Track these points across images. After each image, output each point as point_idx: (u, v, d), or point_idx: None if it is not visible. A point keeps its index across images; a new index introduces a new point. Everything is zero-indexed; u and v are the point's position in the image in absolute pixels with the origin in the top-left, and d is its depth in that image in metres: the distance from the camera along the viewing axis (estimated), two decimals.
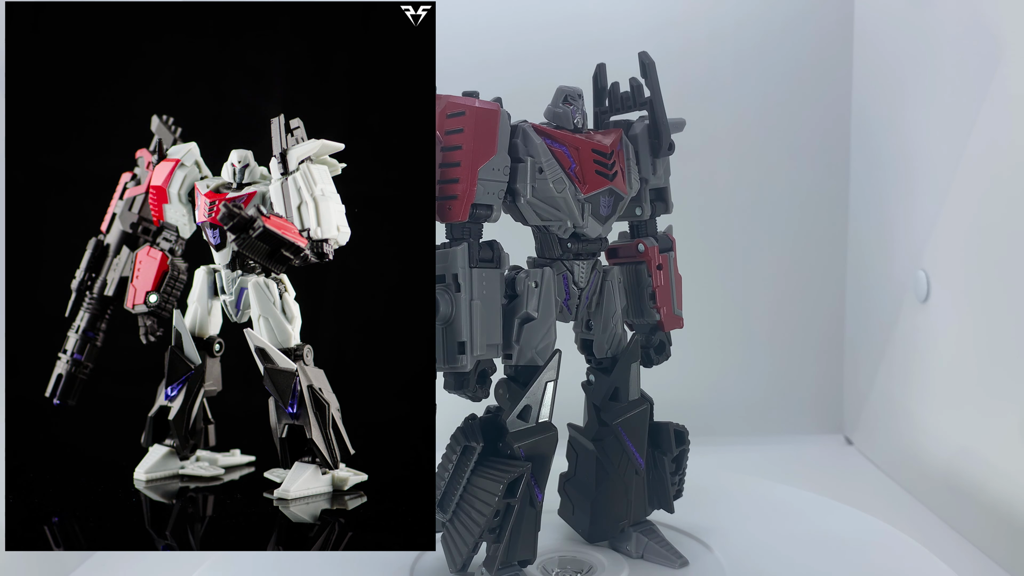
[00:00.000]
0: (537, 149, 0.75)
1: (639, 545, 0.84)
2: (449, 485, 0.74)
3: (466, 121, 0.71)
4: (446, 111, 0.72)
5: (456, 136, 0.71)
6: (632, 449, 0.82)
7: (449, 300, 0.71)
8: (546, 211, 0.76)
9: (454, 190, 0.71)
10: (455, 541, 0.75)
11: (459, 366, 0.71)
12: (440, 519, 0.76)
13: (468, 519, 0.73)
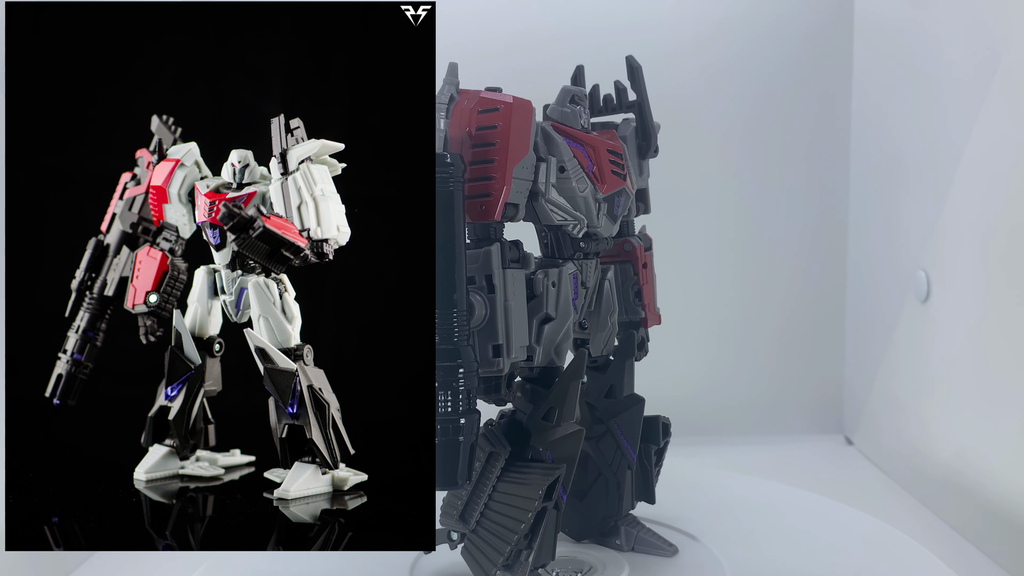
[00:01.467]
0: (559, 148, 0.74)
1: (628, 538, 0.84)
2: (472, 494, 0.72)
3: (501, 117, 0.69)
4: (478, 107, 0.70)
5: (489, 132, 0.69)
6: (627, 445, 0.83)
7: (483, 302, 0.69)
8: (565, 210, 0.75)
9: (488, 188, 0.69)
10: (484, 551, 0.72)
11: (495, 369, 0.69)
12: (459, 530, 0.73)
13: (500, 527, 0.71)
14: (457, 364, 0.65)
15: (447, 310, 0.66)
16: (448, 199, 0.65)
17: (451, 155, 0.66)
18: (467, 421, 0.66)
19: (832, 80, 1.32)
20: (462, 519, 0.73)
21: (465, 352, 0.66)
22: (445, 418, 0.65)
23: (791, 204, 1.35)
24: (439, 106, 0.70)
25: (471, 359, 0.66)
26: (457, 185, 0.65)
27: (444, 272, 0.66)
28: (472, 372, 0.66)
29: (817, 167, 1.34)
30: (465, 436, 0.66)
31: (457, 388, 0.65)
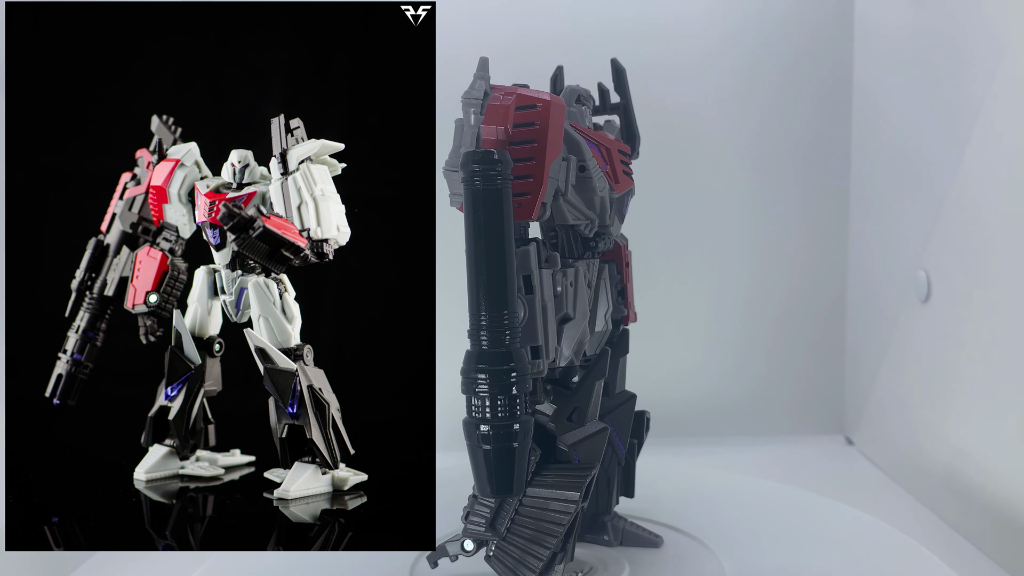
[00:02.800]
0: (580, 147, 0.73)
1: (616, 533, 0.84)
2: (501, 501, 0.71)
3: (540, 115, 0.68)
4: (516, 104, 0.68)
5: (527, 130, 0.67)
6: (618, 442, 0.83)
7: (522, 303, 0.67)
8: (580, 210, 0.74)
9: (526, 187, 0.67)
10: (520, 558, 0.70)
11: (536, 371, 0.67)
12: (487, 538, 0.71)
13: (536, 532, 0.70)
14: (509, 368, 0.63)
15: (497, 312, 0.63)
16: (496, 197, 0.63)
17: (498, 152, 0.64)
18: (522, 426, 0.63)
19: (832, 80, 1.32)
20: (492, 527, 0.71)
21: (518, 355, 0.63)
22: (498, 423, 0.63)
23: (791, 204, 1.35)
24: (473, 101, 0.67)
25: (524, 362, 0.64)
26: (505, 183, 0.63)
27: (492, 273, 0.64)
28: (525, 375, 0.64)
29: (817, 167, 1.34)
30: (520, 442, 0.63)
31: (511, 392, 0.62)
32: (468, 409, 0.64)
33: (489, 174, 0.63)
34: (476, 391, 0.63)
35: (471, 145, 0.67)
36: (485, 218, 0.63)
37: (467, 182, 0.63)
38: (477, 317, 0.64)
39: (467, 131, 0.67)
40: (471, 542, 0.72)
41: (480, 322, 0.64)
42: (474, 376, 0.63)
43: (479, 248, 0.64)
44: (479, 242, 0.64)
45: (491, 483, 0.64)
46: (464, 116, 0.67)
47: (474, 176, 0.63)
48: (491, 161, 0.63)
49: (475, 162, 0.63)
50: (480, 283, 0.64)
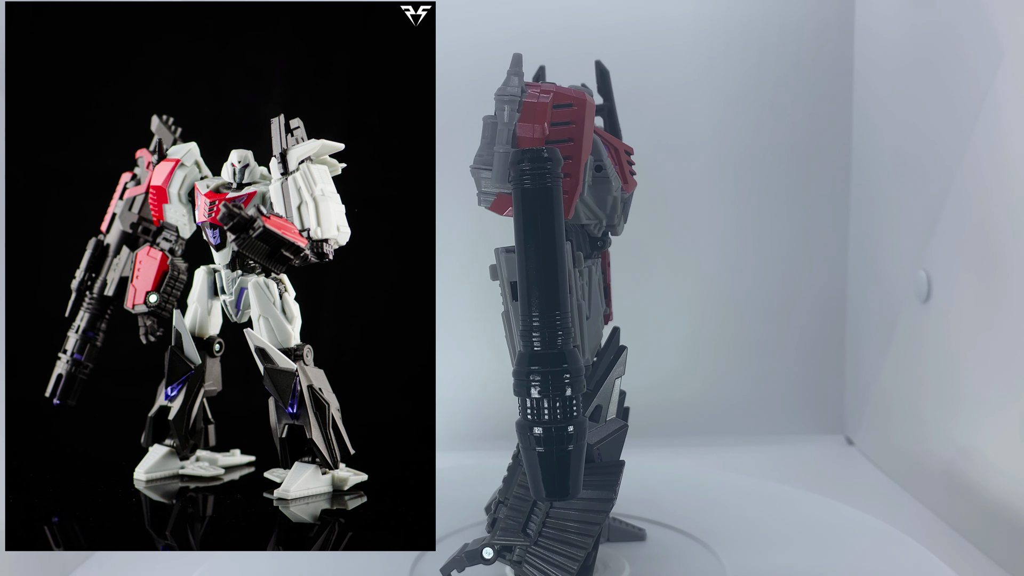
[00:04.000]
0: (598, 146, 0.72)
1: (604, 529, 0.84)
2: (535, 504, 0.69)
3: (576, 114, 0.67)
4: (554, 102, 0.67)
5: (564, 129, 0.67)
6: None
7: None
8: (593, 209, 0.74)
9: (564, 186, 0.66)
10: (556, 562, 0.69)
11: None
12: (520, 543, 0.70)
13: (571, 534, 0.69)
14: (563, 369, 0.62)
15: (549, 313, 0.62)
16: (546, 195, 0.62)
17: (547, 149, 0.63)
18: (577, 428, 0.62)
19: (833, 80, 1.32)
20: (525, 532, 0.69)
21: (572, 356, 0.62)
22: (552, 426, 0.62)
23: (791, 204, 1.35)
24: (509, 98, 0.66)
25: (579, 362, 0.63)
26: (556, 181, 0.63)
27: (543, 273, 0.62)
28: (580, 377, 0.63)
29: (817, 167, 1.34)
30: (576, 444, 0.62)
31: (564, 394, 0.61)
32: (521, 411, 0.63)
33: (539, 172, 0.62)
34: (529, 393, 0.62)
35: (507, 143, 0.65)
36: (535, 217, 0.63)
37: (516, 181, 0.63)
38: (529, 318, 0.63)
39: (502, 129, 0.66)
40: (490, 550, 0.70)
41: (532, 323, 0.63)
42: (527, 378, 0.62)
43: (529, 248, 0.63)
44: (529, 242, 0.63)
45: (546, 486, 0.62)
46: (498, 113, 0.66)
47: (523, 175, 0.62)
48: (541, 159, 0.62)
49: (524, 160, 0.62)
50: (531, 284, 0.63)
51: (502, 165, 0.65)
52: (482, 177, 0.67)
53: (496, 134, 0.66)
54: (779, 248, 1.36)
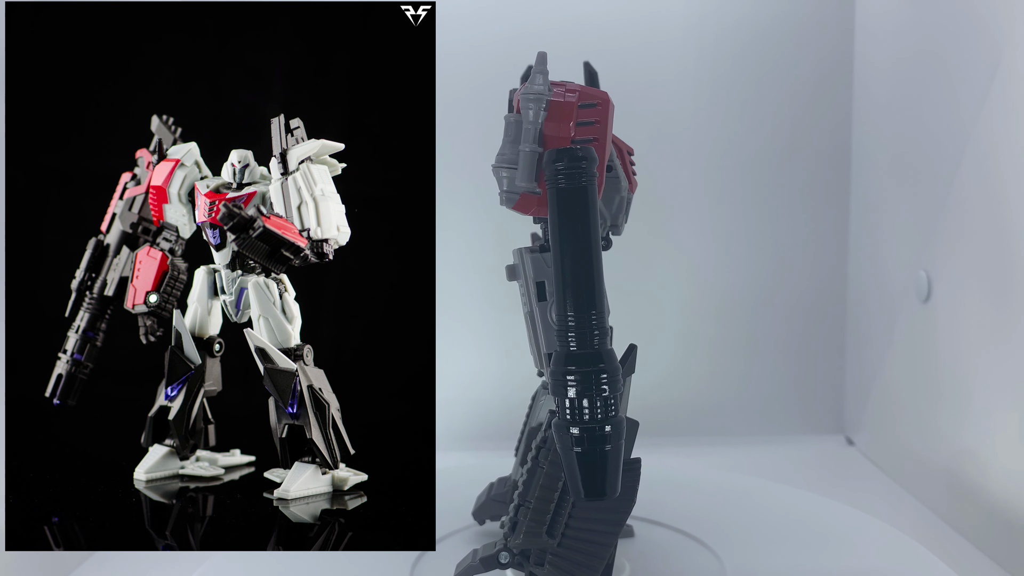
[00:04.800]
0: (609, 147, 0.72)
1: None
2: (559, 506, 0.68)
3: (600, 113, 0.67)
4: (580, 101, 0.66)
5: (588, 128, 0.66)
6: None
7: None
8: (601, 209, 0.73)
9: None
10: (581, 562, 0.68)
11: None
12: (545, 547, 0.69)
13: (595, 532, 0.68)
14: (599, 369, 0.62)
15: (584, 313, 0.62)
16: (581, 195, 0.62)
17: (582, 148, 0.63)
18: (614, 428, 0.62)
19: (833, 80, 1.32)
20: (549, 534, 0.68)
21: (608, 355, 0.62)
22: (589, 426, 0.61)
23: (791, 204, 1.35)
24: (536, 97, 0.65)
25: (615, 362, 0.63)
26: (591, 180, 0.63)
27: (579, 273, 0.62)
28: (616, 376, 0.62)
29: (817, 167, 1.34)
30: (613, 445, 0.62)
31: (601, 394, 0.61)
32: (559, 411, 0.63)
33: (573, 172, 0.62)
34: (566, 393, 0.62)
35: (535, 142, 0.65)
36: (571, 217, 0.62)
37: (551, 181, 0.63)
38: (565, 318, 0.62)
39: (529, 128, 0.65)
40: (506, 554, 0.70)
41: (568, 323, 0.62)
42: (563, 378, 0.62)
43: (564, 248, 0.62)
44: (564, 242, 0.62)
45: (584, 486, 0.62)
46: (523, 112, 0.65)
47: (558, 174, 0.62)
48: (576, 158, 0.62)
49: (558, 160, 0.62)
50: (566, 284, 0.62)
51: (529, 164, 0.64)
52: (504, 176, 0.66)
53: (522, 133, 0.65)
54: (779, 248, 1.36)
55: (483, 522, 0.88)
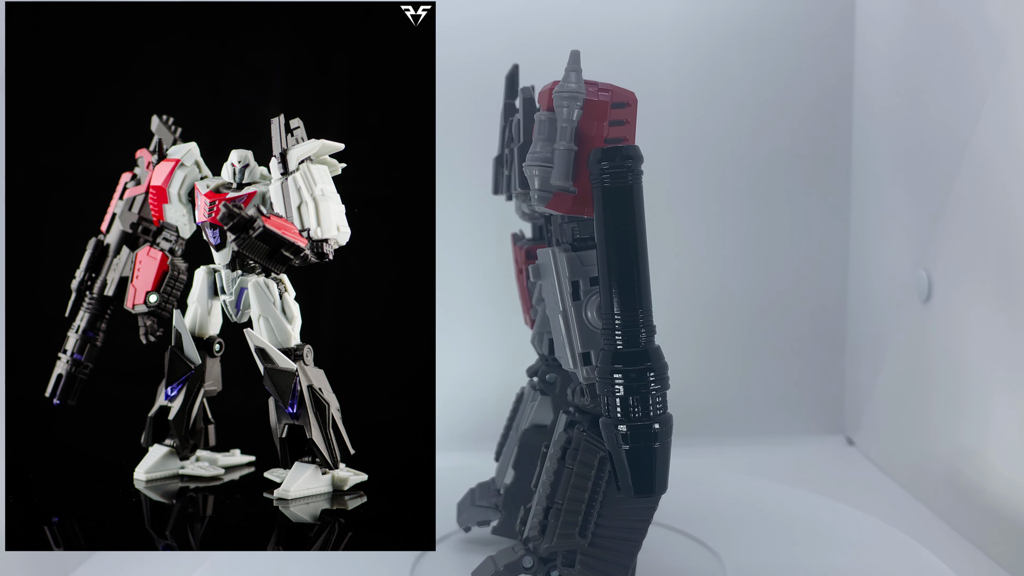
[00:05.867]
0: None
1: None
2: (589, 505, 0.68)
3: (630, 113, 0.67)
4: (613, 100, 0.66)
5: (618, 128, 0.66)
6: None
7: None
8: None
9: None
10: (613, 560, 0.69)
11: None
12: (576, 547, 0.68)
13: (625, 529, 0.68)
14: (646, 367, 0.62)
15: (631, 311, 0.63)
16: (627, 194, 0.63)
17: (628, 147, 0.63)
18: (663, 425, 0.63)
19: (833, 80, 1.32)
20: (581, 534, 0.68)
21: (656, 353, 0.63)
22: (636, 423, 0.62)
23: (791, 204, 1.35)
24: (573, 95, 0.65)
25: (662, 360, 0.63)
26: (636, 179, 0.63)
27: (624, 272, 0.63)
28: (664, 374, 0.63)
29: (817, 167, 1.34)
30: (662, 441, 0.63)
31: (648, 392, 0.62)
32: (606, 409, 0.63)
33: (619, 171, 0.62)
34: (614, 391, 0.62)
35: (571, 140, 0.65)
36: (617, 216, 0.63)
37: (596, 180, 0.63)
38: (611, 317, 0.63)
39: (565, 126, 0.65)
40: (530, 558, 0.69)
41: (615, 321, 0.63)
42: (611, 376, 0.62)
43: (610, 247, 0.63)
44: (610, 241, 0.63)
45: (634, 484, 0.63)
46: (557, 110, 0.65)
47: (604, 174, 0.62)
48: (622, 157, 0.62)
49: (604, 159, 0.62)
50: (613, 282, 0.63)
51: (565, 162, 0.64)
52: (536, 175, 0.66)
53: (557, 131, 0.65)
54: (779, 248, 1.36)
55: (468, 529, 0.88)
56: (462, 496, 0.90)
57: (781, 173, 1.34)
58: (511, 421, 0.90)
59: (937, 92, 1.07)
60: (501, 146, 0.84)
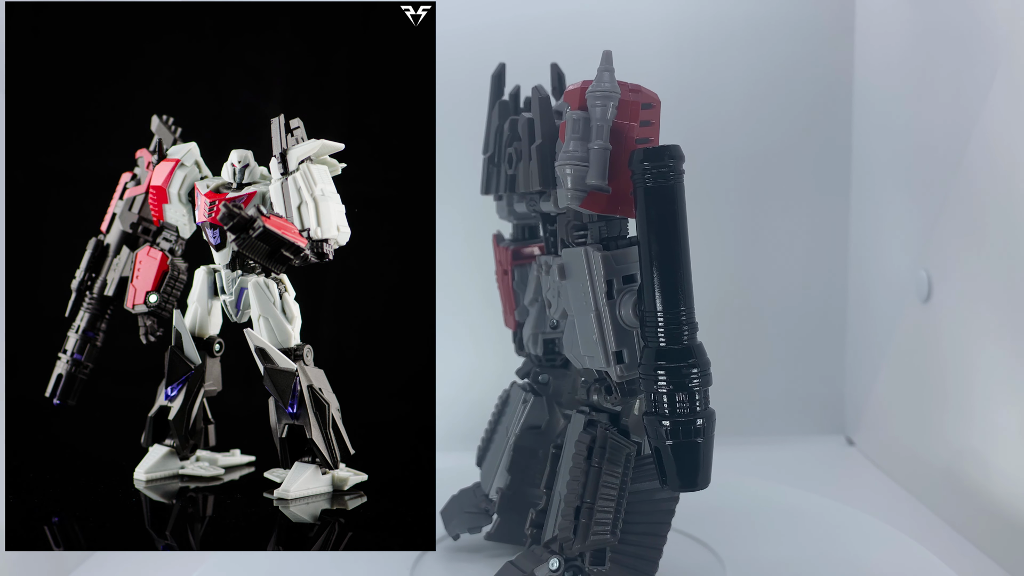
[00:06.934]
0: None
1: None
2: (619, 503, 0.69)
3: (655, 114, 0.67)
4: (641, 101, 0.67)
5: (646, 129, 0.67)
6: None
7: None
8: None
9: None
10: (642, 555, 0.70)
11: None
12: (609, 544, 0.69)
13: (652, 524, 0.70)
14: (689, 364, 0.63)
15: (673, 309, 0.63)
16: (669, 194, 0.63)
17: (671, 147, 0.63)
18: (706, 420, 0.63)
19: (833, 80, 1.32)
20: (612, 532, 0.69)
21: (698, 350, 0.64)
22: (680, 419, 0.63)
23: (791, 203, 1.35)
24: (608, 95, 0.65)
25: (705, 356, 0.64)
26: (678, 178, 0.63)
27: (666, 270, 0.63)
28: (707, 371, 0.64)
29: (817, 167, 1.34)
30: (705, 437, 0.63)
31: (691, 388, 0.63)
32: (651, 405, 0.63)
33: (661, 171, 0.63)
34: (656, 388, 0.63)
35: (606, 139, 0.65)
36: (659, 216, 0.63)
37: (639, 180, 0.63)
38: (654, 315, 0.64)
39: (601, 125, 0.65)
40: (556, 560, 0.69)
41: (657, 320, 0.63)
42: (654, 372, 0.63)
43: (653, 246, 0.63)
44: (653, 240, 0.63)
45: (681, 477, 0.63)
46: (591, 109, 0.65)
47: (645, 174, 0.63)
48: (663, 157, 0.63)
49: (646, 159, 0.63)
50: (655, 281, 0.63)
51: (601, 161, 0.65)
52: (569, 174, 0.66)
53: (592, 130, 0.65)
54: (779, 248, 1.36)
55: (457, 537, 0.86)
56: (445, 504, 0.90)
57: (781, 173, 1.34)
58: (494, 425, 0.89)
59: (937, 92, 1.07)
60: (492, 145, 0.84)
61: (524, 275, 0.87)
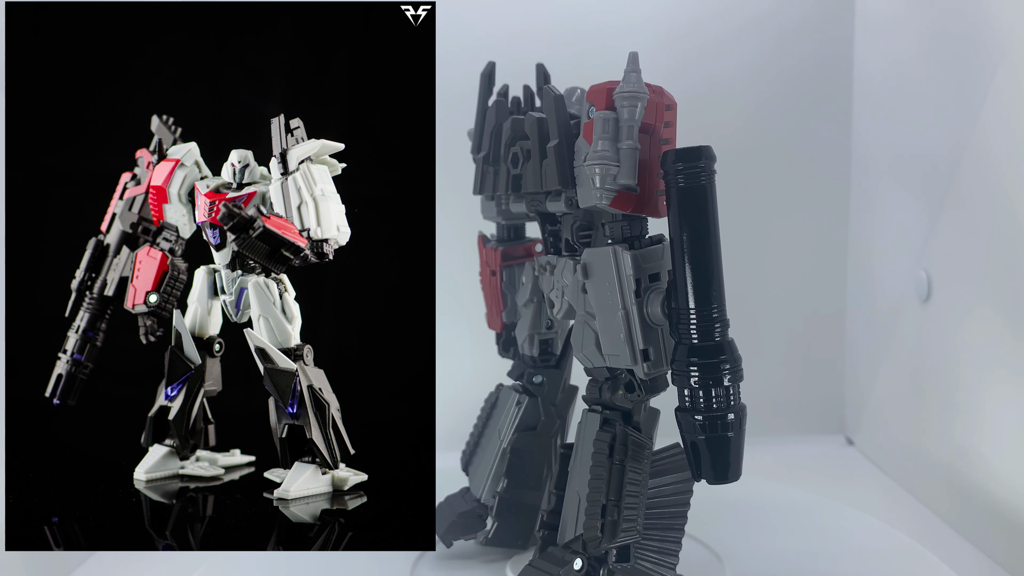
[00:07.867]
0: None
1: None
2: (642, 499, 0.70)
3: (673, 116, 0.69)
4: (664, 103, 0.69)
5: (667, 130, 0.68)
6: None
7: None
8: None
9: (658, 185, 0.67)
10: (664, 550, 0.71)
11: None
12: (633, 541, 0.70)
13: (671, 519, 0.71)
14: (721, 360, 0.64)
15: (706, 307, 0.64)
16: (701, 194, 0.64)
17: (703, 148, 0.64)
18: (737, 415, 0.65)
19: (833, 79, 1.32)
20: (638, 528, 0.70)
21: (730, 347, 0.65)
22: (712, 414, 0.64)
23: (791, 203, 1.35)
24: (637, 96, 0.67)
25: (736, 352, 0.65)
26: (710, 178, 0.64)
27: (697, 269, 0.64)
28: (738, 367, 0.65)
29: (817, 167, 1.34)
30: (736, 431, 0.65)
31: (723, 383, 0.64)
32: (686, 400, 0.65)
33: (693, 171, 0.63)
34: (689, 383, 0.64)
35: (635, 140, 0.66)
36: (691, 215, 0.64)
37: (671, 180, 0.64)
38: (687, 312, 0.64)
39: (631, 125, 0.66)
40: (579, 560, 0.69)
41: (689, 317, 0.64)
42: (686, 368, 0.64)
43: (685, 245, 0.64)
44: (685, 240, 0.64)
45: (715, 470, 0.65)
46: (619, 109, 0.66)
47: (678, 174, 0.63)
48: (695, 158, 0.63)
49: (678, 160, 0.63)
50: (688, 280, 0.64)
51: (631, 161, 0.65)
52: (598, 173, 0.66)
53: (623, 131, 0.66)
54: (778, 248, 1.36)
55: (450, 544, 0.85)
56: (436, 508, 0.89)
57: (780, 173, 1.34)
58: (481, 428, 0.89)
59: (937, 92, 1.07)
60: (489, 145, 0.83)
61: (512, 276, 0.87)
